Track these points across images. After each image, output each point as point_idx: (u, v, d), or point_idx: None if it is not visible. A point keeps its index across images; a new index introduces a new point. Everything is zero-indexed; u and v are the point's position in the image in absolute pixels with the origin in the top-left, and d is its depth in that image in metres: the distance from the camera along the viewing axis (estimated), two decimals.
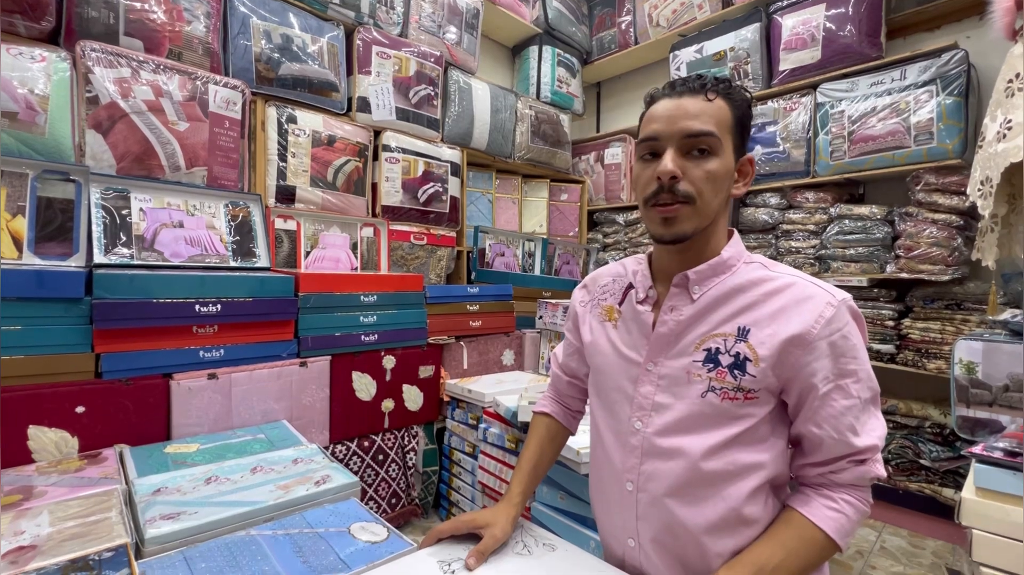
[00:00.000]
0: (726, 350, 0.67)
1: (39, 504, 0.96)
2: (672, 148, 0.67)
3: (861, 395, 0.65)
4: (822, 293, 0.66)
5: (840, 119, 2.23)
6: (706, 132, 0.66)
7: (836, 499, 0.65)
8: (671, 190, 0.66)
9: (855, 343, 0.65)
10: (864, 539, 2.03)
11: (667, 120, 0.68)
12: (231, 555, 0.86)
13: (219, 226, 1.67)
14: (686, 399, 0.69)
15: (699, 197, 0.67)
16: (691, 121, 0.66)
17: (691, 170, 0.67)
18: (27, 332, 1.16)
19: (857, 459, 0.65)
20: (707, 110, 0.67)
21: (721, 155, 0.68)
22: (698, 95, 0.68)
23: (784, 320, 0.65)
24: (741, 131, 0.71)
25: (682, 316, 0.71)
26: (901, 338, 2.12)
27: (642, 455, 0.72)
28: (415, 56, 2.26)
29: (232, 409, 1.44)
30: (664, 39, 2.92)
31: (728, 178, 0.70)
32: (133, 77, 1.51)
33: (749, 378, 0.65)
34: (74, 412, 1.21)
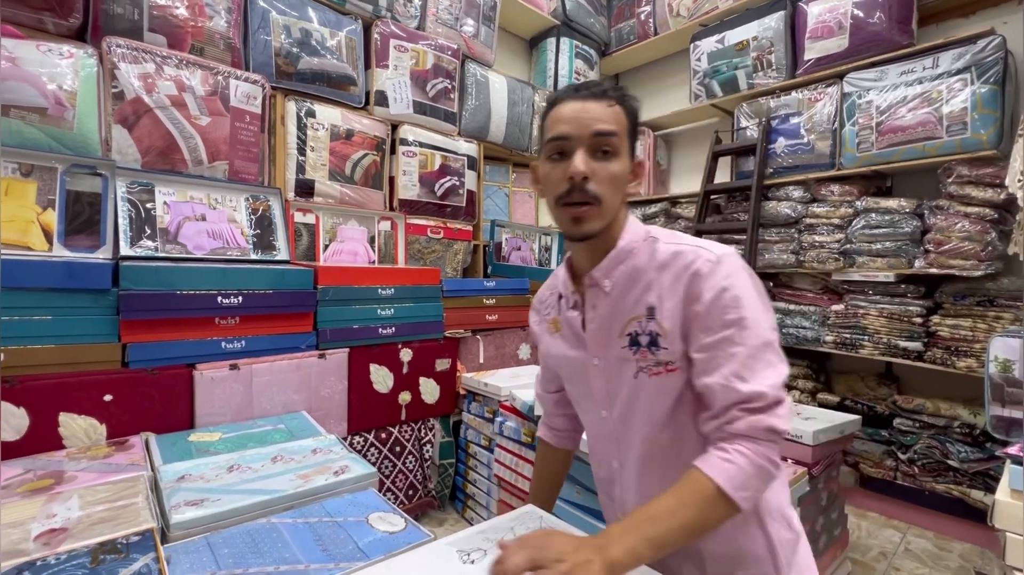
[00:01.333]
0: (643, 331, 0.72)
1: (70, 488, 0.99)
2: (582, 148, 0.71)
3: (748, 342, 0.66)
4: (703, 252, 0.70)
5: (868, 109, 2.16)
6: (612, 132, 0.71)
7: (729, 450, 0.64)
8: (582, 189, 0.71)
9: (738, 294, 0.67)
10: (888, 540, 1.98)
11: (576, 122, 0.71)
12: (253, 542, 0.87)
13: (240, 219, 1.70)
14: (626, 383, 0.75)
15: (604, 198, 0.72)
16: (599, 123, 0.71)
17: (598, 171, 0.71)
18: (57, 322, 1.19)
19: (747, 407, 0.64)
20: (609, 114, 0.72)
21: (621, 157, 0.73)
22: (601, 100, 0.72)
23: (677, 289, 0.70)
24: (633, 136, 0.77)
25: (603, 311, 0.77)
26: (929, 335, 2.05)
27: (616, 440, 0.80)
28: (432, 49, 2.26)
29: (253, 399, 1.47)
30: (684, 29, 2.87)
31: (626, 179, 0.75)
32: (157, 72, 1.53)
33: (664, 351, 0.71)
34: (102, 400, 1.24)
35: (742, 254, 2.51)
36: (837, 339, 2.27)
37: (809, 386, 2.42)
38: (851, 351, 2.23)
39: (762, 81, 2.54)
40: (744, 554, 0.75)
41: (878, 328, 2.16)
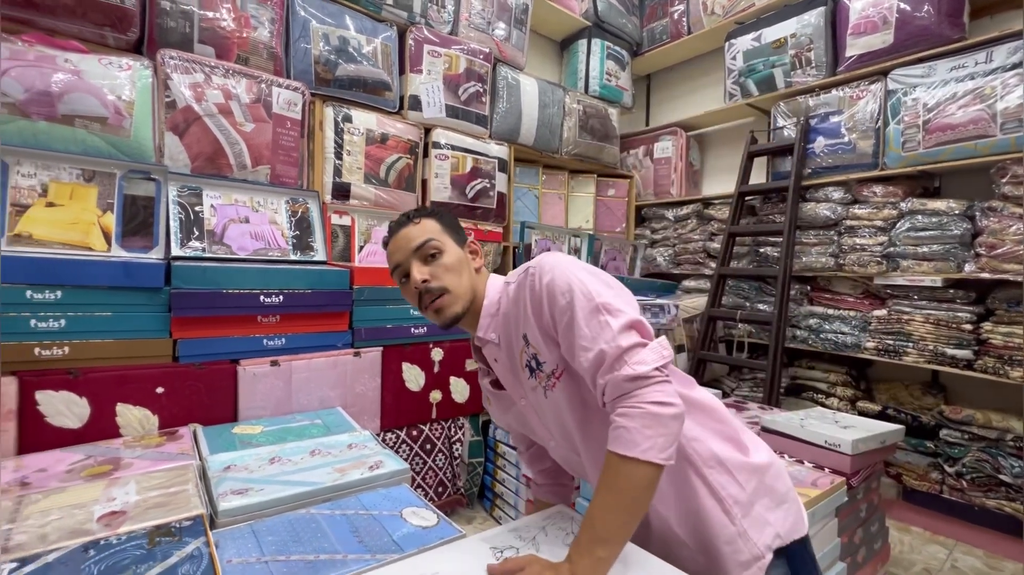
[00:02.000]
0: (530, 357, 0.81)
1: (127, 475, 1.06)
2: (414, 264, 0.86)
3: (577, 315, 0.71)
4: (529, 270, 0.79)
5: (914, 107, 2.08)
6: (426, 240, 0.86)
7: (615, 419, 0.67)
8: (428, 290, 0.84)
9: (556, 281, 0.74)
10: (933, 557, 1.90)
11: (400, 249, 0.87)
12: (294, 531, 0.91)
13: (281, 221, 1.76)
14: (545, 405, 0.83)
15: (449, 286, 0.85)
16: (412, 241, 0.86)
17: (432, 270, 0.85)
18: (116, 318, 1.27)
19: (602, 372, 0.68)
20: (420, 229, 0.87)
21: (447, 250, 0.87)
22: (406, 224, 0.88)
23: (528, 311, 0.79)
24: (453, 230, 0.90)
25: (503, 360, 0.87)
26: (980, 343, 1.96)
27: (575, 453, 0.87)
28: (464, 53, 2.29)
29: (292, 395, 1.52)
30: (720, 27, 2.82)
31: (463, 262, 0.88)
32: (206, 82, 1.61)
33: (545, 365, 0.79)
34: (155, 392, 1.32)
35: (777, 256, 2.45)
36: (879, 345, 2.19)
37: (848, 393, 2.34)
38: (894, 358, 2.14)
39: (800, 79, 2.47)
40: (697, 509, 0.78)
41: (924, 335, 2.07)
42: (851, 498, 1.44)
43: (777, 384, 2.35)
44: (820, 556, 1.28)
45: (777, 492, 0.80)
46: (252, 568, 0.80)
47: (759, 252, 2.66)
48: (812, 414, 1.75)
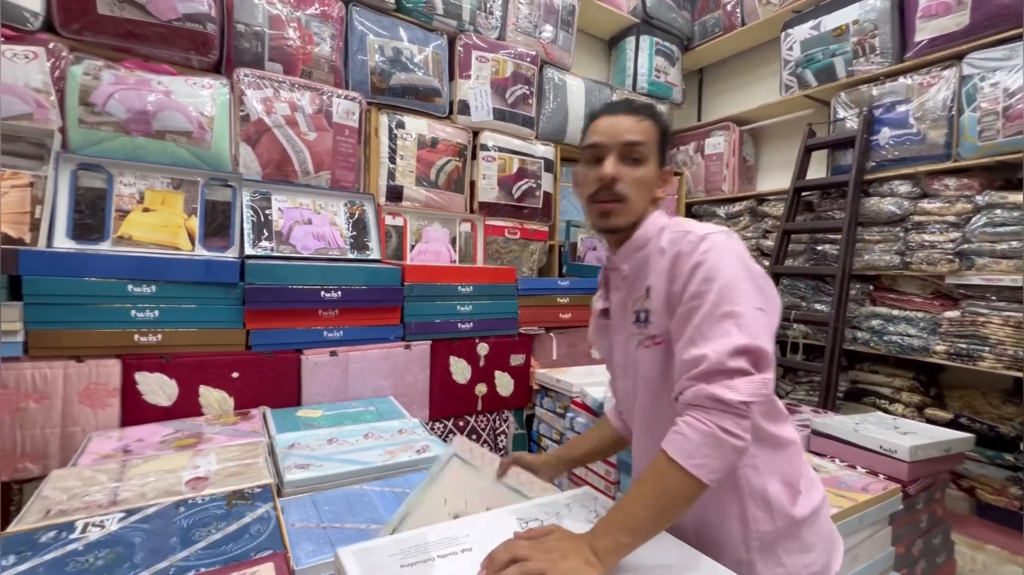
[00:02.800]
0: (642, 308, 0.80)
1: (208, 447, 1.20)
2: (613, 155, 0.81)
3: (705, 311, 0.67)
4: (690, 235, 0.74)
5: (993, 93, 1.93)
6: (639, 142, 0.81)
7: (679, 422, 0.65)
8: (610, 189, 0.81)
9: (710, 268, 0.69)
10: None
11: (609, 132, 0.82)
12: (348, 503, 1.01)
13: (340, 223, 1.90)
14: (631, 355, 0.84)
15: (629, 198, 0.81)
16: (628, 133, 0.81)
17: (626, 175, 0.81)
18: (199, 310, 1.43)
19: (692, 375, 0.65)
20: (639, 126, 0.82)
21: (648, 164, 0.83)
22: (633, 115, 0.83)
23: (666, 270, 0.76)
24: (663, 147, 0.85)
25: (622, 293, 0.86)
26: None
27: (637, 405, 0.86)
28: (511, 57, 2.35)
29: (348, 383, 1.65)
30: (775, 17, 2.72)
31: (653, 184, 0.84)
32: (274, 96, 1.77)
33: (652, 326, 0.78)
34: (231, 377, 1.47)
35: (836, 254, 2.34)
36: (950, 349, 2.04)
37: (915, 399, 2.20)
38: (967, 363, 2.00)
39: (864, 68, 2.35)
40: (719, 523, 0.77)
41: (1002, 338, 1.92)
42: (908, 507, 1.38)
43: (834, 388, 2.24)
44: (870, 564, 1.24)
45: (805, 542, 0.77)
46: (311, 532, 0.90)
47: (816, 250, 2.54)
48: (869, 419, 1.67)
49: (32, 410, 1.24)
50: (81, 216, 1.45)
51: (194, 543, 0.80)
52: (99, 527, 0.83)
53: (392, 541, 0.64)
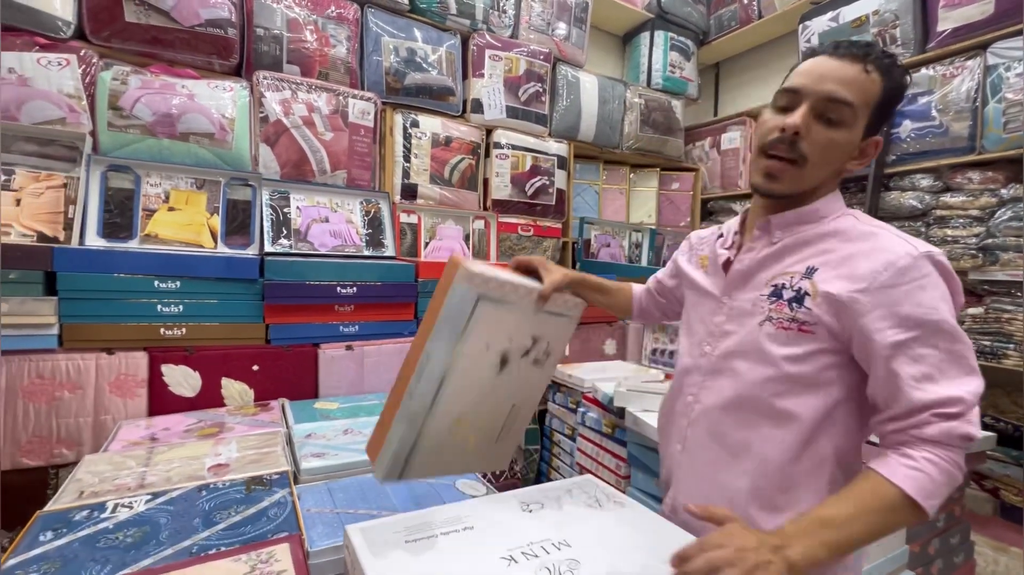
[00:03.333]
0: (791, 286, 0.70)
1: (230, 436, 1.25)
2: (807, 105, 0.67)
3: (943, 346, 0.61)
4: (903, 244, 0.65)
5: (1019, 83, 1.87)
6: (846, 101, 0.66)
7: (916, 457, 0.60)
8: (789, 143, 0.68)
9: (934, 294, 0.62)
10: None
11: (815, 77, 0.68)
12: (361, 490, 1.04)
13: (356, 220, 1.95)
14: (747, 327, 0.74)
15: (810, 160, 0.68)
16: (837, 86, 0.66)
17: (816, 133, 0.67)
18: (221, 304, 1.49)
19: (942, 412, 0.60)
20: (858, 81, 0.66)
21: (850, 129, 0.68)
22: (857, 63, 0.66)
23: (853, 264, 0.65)
24: (881, 112, 0.69)
25: (758, 256, 0.76)
26: None
27: (704, 374, 0.81)
28: (525, 56, 2.37)
29: (364, 376, 1.69)
30: (793, 9, 2.67)
31: (847, 153, 0.70)
32: (293, 98, 1.82)
33: (804, 310, 0.68)
34: (251, 369, 1.53)
35: None
36: (974, 347, 1.99)
37: None
38: (991, 361, 1.95)
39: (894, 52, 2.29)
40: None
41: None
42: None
43: None
44: (883, 561, 1.23)
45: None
46: (326, 516, 0.94)
47: None
48: None
49: (67, 399, 1.31)
50: (111, 215, 1.52)
51: (215, 524, 0.85)
52: (128, 508, 0.88)
53: (397, 519, 0.67)
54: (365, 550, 0.59)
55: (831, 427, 0.70)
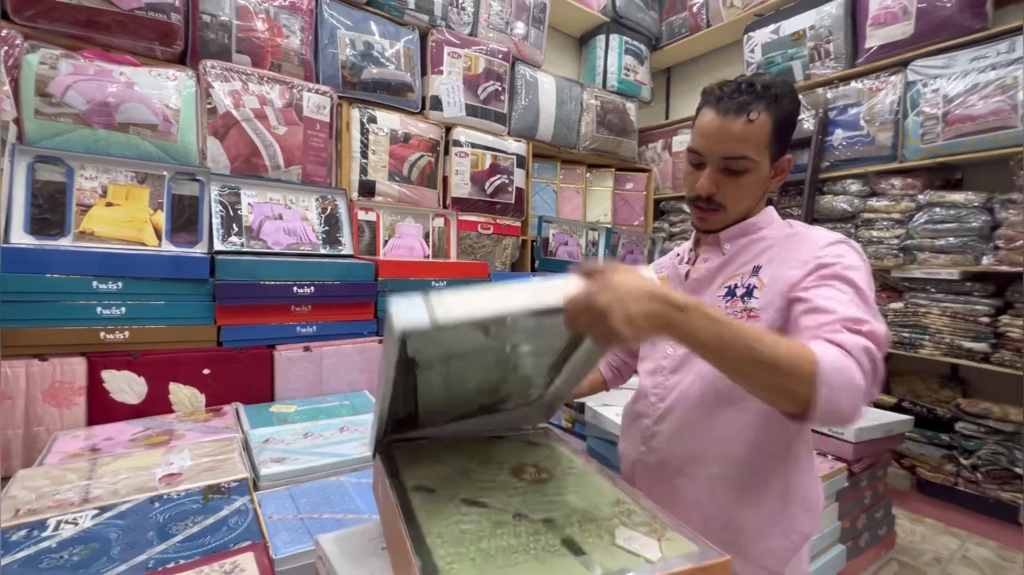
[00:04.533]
0: (742, 284, 0.79)
1: (181, 443, 1.19)
2: (711, 167, 0.77)
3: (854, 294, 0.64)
4: (827, 234, 0.75)
5: (934, 98, 2.06)
6: (742, 156, 0.74)
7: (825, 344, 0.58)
8: (707, 199, 0.79)
9: (854, 260, 0.69)
10: (944, 547, 1.92)
11: (709, 140, 0.75)
12: (324, 495, 1.03)
13: (311, 217, 1.89)
14: None
15: (728, 206, 0.79)
16: (730, 144, 0.73)
17: (725, 186, 0.77)
18: (167, 306, 1.42)
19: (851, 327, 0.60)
20: (745, 132, 0.72)
21: (754, 171, 0.76)
22: (740, 117, 0.72)
23: (790, 253, 0.75)
24: (780, 139, 0.76)
25: (712, 265, 0.84)
26: (998, 336, 1.95)
27: (668, 373, 0.86)
28: (484, 54, 2.37)
29: (323, 378, 1.65)
30: (738, 20, 2.82)
31: (760, 185, 0.79)
32: (243, 89, 1.75)
33: (755, 300, 0.76)
34: (202, 373, 1.46)
35: None
36: (895, 338, 2.19)
37: None
38: (910, 351, 2.15)
39: (819, 71, 2.47)
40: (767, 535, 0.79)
41: (940, 328, 2.07)
42: (853, 485, 1.49)
43: None
44: (817, 538, 1.34)
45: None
46: (289, 523, 0.92)
47: None
48: None
49: None
50: (40, 211, 1.41)
51: (171, 536, 0.82)
52: (72, 524, 0.83)
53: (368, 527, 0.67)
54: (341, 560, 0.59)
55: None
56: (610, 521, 0.48)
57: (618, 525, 0.47)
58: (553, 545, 0.44)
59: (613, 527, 0.47)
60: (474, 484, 0.57)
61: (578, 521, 0.48)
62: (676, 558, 0.42)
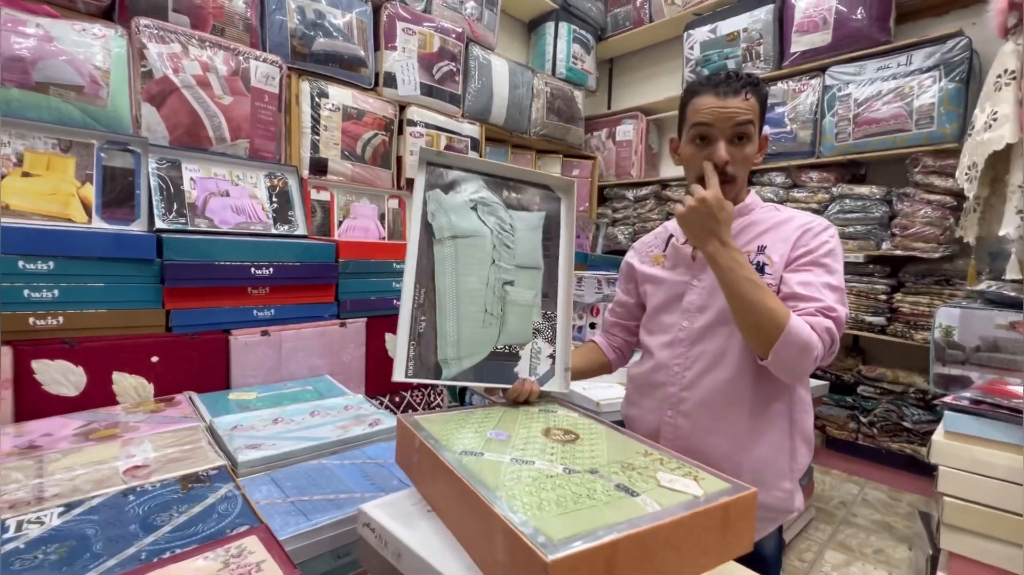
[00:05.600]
0: (752, 261, 0.89)
1: (138, 435, 1.11)
2: (723, 139, 0.87)
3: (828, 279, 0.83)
4: (817, 218, 0.92)
5: (847, 102, 2.32)
6: (748, 121, 0.87)
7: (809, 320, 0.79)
8: (723, 172, 0.88)
9: (832, 250, 0.86)
10: (848, 493, 2.22)
11: (718, 115, 0.87)
12: (310, 477, 1.01)
13: (260, 195, 1.78)
14: (722, 299, 0.89)
15: (738, 177, 0.90)
16: (739, 115, 0.87)
17: (735, 155, 0.88)
18: (108, 289, 1.29)
19: (819, 310, 0.79)
20: (746, 107, 0.87)
21: (754, 140, 0.90)
22: (739, 96, 0.87)
23: (785, 233, 0.90)
24: (762, 117, 0.92)
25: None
26: (892, 311, 2.26)
27: (688, 345, 0.95)
28: (438, 32, 2.33)
29: (282, 363, 1.59)
30: (679, 17, 2.97)
31: (753, 158, 0.93)
32: (183, 52, 1.60)
33: (768, 276, 0.88)
34: (150, 361, 1.35)
35: None
36: None
37: None
38: None
39: (751, 72, 2.67)
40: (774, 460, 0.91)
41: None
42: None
43: None
44: None
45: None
46: (280, 507, 0.90)
47: None
48: None
49: None
50: None
51: (158, 527, 0.77)
52: (38, 524, 0.76)
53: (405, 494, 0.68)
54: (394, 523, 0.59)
55: None
56: (648, 468, 0.54)
57: (658, 470, 0.53)
58: (610, 490, 0.49)
59: (653, 472, 0.53)
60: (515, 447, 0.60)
61: (620, 470, 0.53)
62: (714, 493, 0.49)
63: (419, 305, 0.92)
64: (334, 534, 0.84)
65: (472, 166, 0.99)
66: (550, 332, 0.97)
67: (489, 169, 1.00)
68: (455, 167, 0.98)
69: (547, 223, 1.02)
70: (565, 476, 0.52)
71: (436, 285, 0.92)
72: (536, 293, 0.98)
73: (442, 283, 0.92)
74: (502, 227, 0.98)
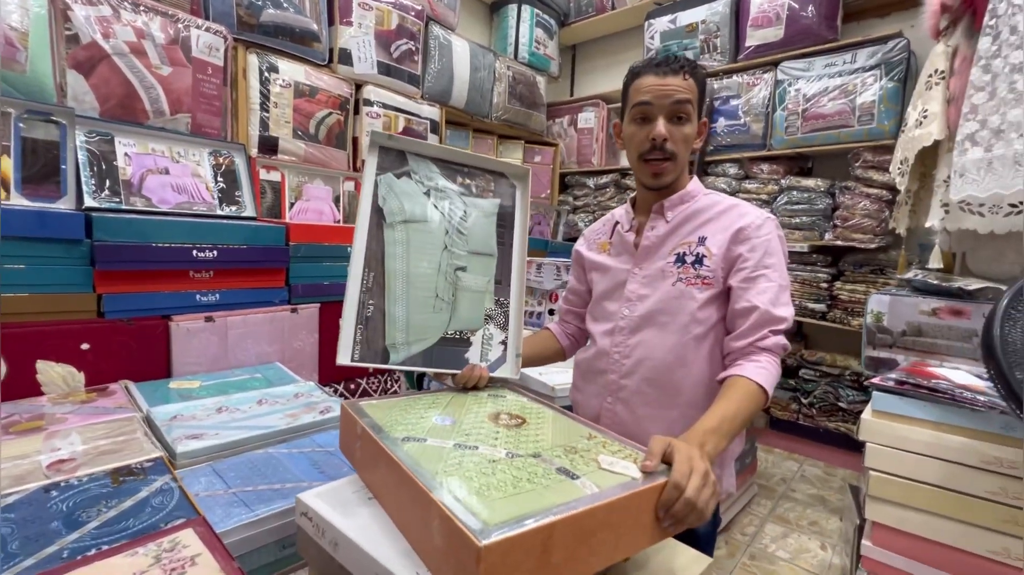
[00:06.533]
0: (691, 253, 0.92)
1: (64, 427, 1.04)
2: (663, 116, 0.89)
3: (779, 282, 0.87)
4: (756, 211, 0.93)
5: (796, 97, 2.41)
6: (687, 100, 0.89)
7: (761, 361, 0.83)
8: (662, 148, 0.89)
9: (775, 247, 0.89)
10: (788, 470, 2.36)
11: (658, 93, 0.89)
12: (255, 467, 0.98)
13: (204, 174, 1.69)
14: (661, 289, 0.94)
15: (678, 155, 0.91)
16: (677, 92, 0.89)
17: (674, 133, 0.90)
18: (30, 271, 1.19)
19: (775, 329, 0.84)
20: (684, 86, 0.89)
21: (692, 121, 0.91)
22: (678, 75, 0.90)
23: (728, 225, 0.91)
24: (700, 103, 0.94)
25: (659, 233, 0.96)
26: (832, 298, 2.39)
27: (628, 333, 0.96)
28: (396, 9, 2.25)
29: (228, 350, 1.52)
30: (640, 6, 2.99)
31: (692, 140, 0.94)
32: (114, 16, 1.48)
33: (705, 268, 0.90)
34: (79, 348, 1.27)
35: None
36: None
37: None
38: None
39: (708, 63, 2.73)
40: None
41: (791, 292, 2.48)
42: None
43: None
44: None
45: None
46: (221, 499, 0.87)
47: None
48: None
49: None
50: None
51: (83, 524, 0.73)
52: None
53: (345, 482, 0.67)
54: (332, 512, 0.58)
55: (716, 351, 0.93)
56: (590, 451, 0.55)
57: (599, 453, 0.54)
58: (551, 473, 0.49)
59: (595, 455, 0.54)
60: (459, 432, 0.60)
61: (563, 453, 0.54)
62: (652, 474, 0.50)
63: (367, 289, 0.89)
64: (277, 524, 0.82)
65: (425, 151, 0.97)
66: (502, 318, 0.97)
67: (443, 155, 0.99)
68: (408, 151, 0.96)
69: (502, 210, 1.01)
70: (507, 460, 0.52)
71: (386, 269, 0.90)
72: (489, 279, 0.97)
73: (392, 267, 0.91)
74: (455, 213, 0.97)
